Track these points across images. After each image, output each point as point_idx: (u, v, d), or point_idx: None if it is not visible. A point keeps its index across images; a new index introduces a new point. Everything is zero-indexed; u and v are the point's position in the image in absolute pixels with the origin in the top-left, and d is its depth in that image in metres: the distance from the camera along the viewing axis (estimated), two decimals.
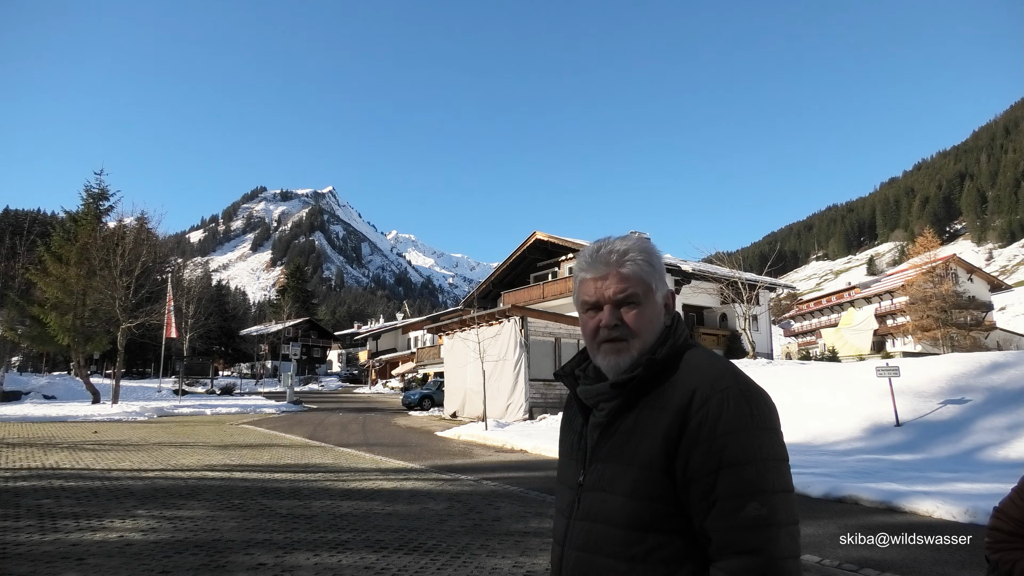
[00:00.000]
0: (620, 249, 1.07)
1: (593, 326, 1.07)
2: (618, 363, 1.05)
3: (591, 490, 1.03)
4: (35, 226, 38.74)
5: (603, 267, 1.06)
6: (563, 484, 1.12)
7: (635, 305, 1.05)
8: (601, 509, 1.00)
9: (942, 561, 4.38)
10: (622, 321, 1.05)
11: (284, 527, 5.08)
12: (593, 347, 1.08)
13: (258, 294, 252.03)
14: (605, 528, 0.99)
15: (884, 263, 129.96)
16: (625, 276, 1.05)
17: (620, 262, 1.06)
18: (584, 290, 1.09)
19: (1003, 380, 11.71)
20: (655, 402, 1.01)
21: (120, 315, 22.60)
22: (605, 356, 1.06)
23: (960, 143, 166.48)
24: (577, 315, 1.15)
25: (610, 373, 1.06)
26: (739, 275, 28.95)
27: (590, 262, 1.08)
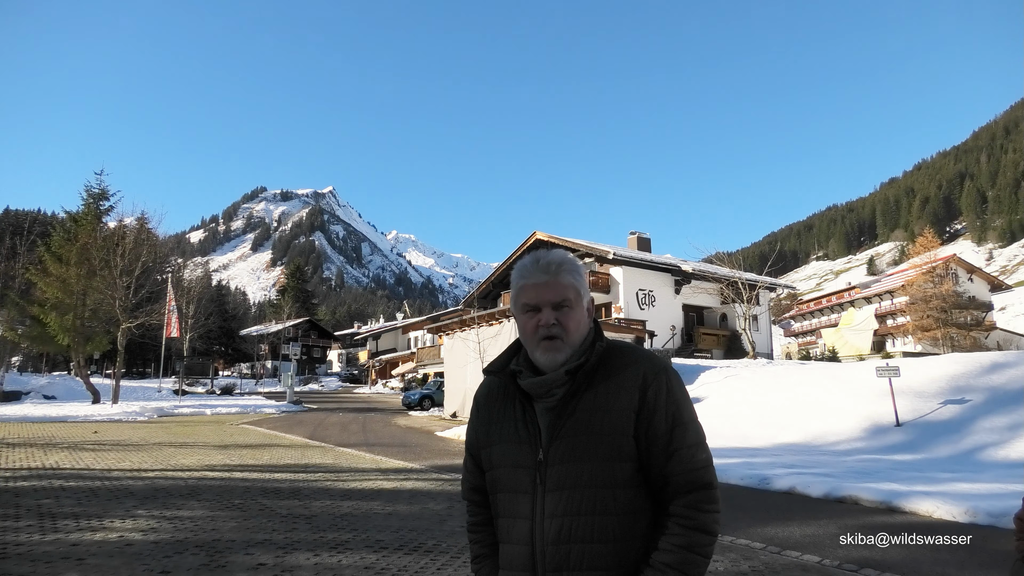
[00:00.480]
0: (556, 261, 1.26)
1: (532, 325, 1.24)
2: (555, 358, 1.22)
3: (560, 463, 1.17)
4: (35, 226, 38.76)
5: (543, 275, 1.24)
6: (510, 466, 1.23)
7: (569, 308, 1.23)
8: (578, 476, 1.15)
9: (942, 561, 4.38)
10: (558, 321, 1.22)
11: (284, 527, 5.08)
12: (532, 344, 1.24)
13: (258, 294, 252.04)
14: (584, 491, 1.15)
15: (884, 263, 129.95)
16: (561, 284, 1.23)
17: (557, 272, 1.24)
18: (525, 295, 1.25)
19: (1003, 380, 11.71)
20: (608, 384, 1.20)
21: (120, 315, 22.60)
22: (544, 352, 1.22)
23: (960, 143, 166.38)
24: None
25: (548, 366, 1.22)
26: (739, 275, 28.94)
27: (531, 271, 1.26)
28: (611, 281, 29.44)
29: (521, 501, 1.20)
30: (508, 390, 1.29)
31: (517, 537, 1.20)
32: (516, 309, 1.28)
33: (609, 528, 1.14)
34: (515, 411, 1.26)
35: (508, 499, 1.22)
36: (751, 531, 5.31)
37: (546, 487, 1.18)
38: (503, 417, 1.27)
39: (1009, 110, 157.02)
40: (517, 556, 1.19)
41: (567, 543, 1.14)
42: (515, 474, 1.22)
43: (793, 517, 5.88)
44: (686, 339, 30.95)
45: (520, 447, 1.22)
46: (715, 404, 15.72)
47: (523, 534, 1.18)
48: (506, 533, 1.23)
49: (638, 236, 35.86)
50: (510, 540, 1.21)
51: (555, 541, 1.15)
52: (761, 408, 14.28)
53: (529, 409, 1.24)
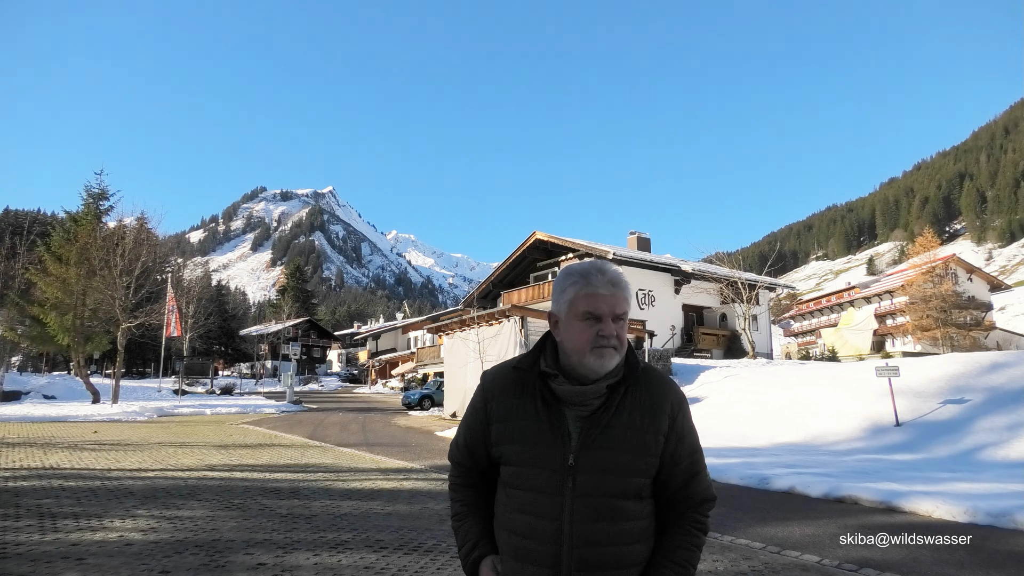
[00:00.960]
0: (619, 277, 1.31)
1: (592, 333, 1.27)
2: (608, 364, 1.27)
3: (590, 471, 1.24)
4: (35, 226, 38.77)
5: (611, 288, 1.29)
6: (535, 467, 1.27)
7: (623, 323, 1.30)
8: (607, 486, 1.25)
9: (942, 561, 4.38)
10: (615, 334, 1.28)
11: (284, 527, 5.08)
12: (585, 349, 1.27)
13: (258, 294, 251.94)
14: (611, 500, 1.25)
15: (884, 263, 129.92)
16: (625, 299, 1.30)
17: (622, 286, 1.30)
18: (590, 303, 1.28)
19: (1003, 380, 11.71)
20: (641, 405, 1.30)
21: (120, 315, 22.58)
22: (599, 358, 1.26)
23: (960, 143, 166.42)
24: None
25: (598, 372, 1.27)
26: (739, 275, 28.93)
27: (599, 282, 1.29)
28: None
29: (547, 502, 1.25)
30: (528, 389, 1.32)
31: (541, 536, 1.24)
32: (571, 314, 1.29)
33: (629, 533, 1.26)
34: (540, 412, 1.29)
35: (531, 498, 1.27)
36: (751, 531, 5.31)
37: (576, 492, 1.24)
38: (523, 415, 1.30)
39: (1009, 110, 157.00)
40: (539, 554, 1.24)
41: (595, 546, 1.23)
42: (541, 475, 1.26)
43: (793, 517, 5.88)
44: (686, 339, 30.95)
45: (548, 449, 1.27)
46: (715, 404, 15.72)
47: (548, 533, 1.24)
48: (526, 529, 1.27)
49: (638, 236, 35.86)
50: (531, 537, 1.26)
51: (584, 544, 1.23)
52: (761, 408, 14.28)
53: (558, 413, 1.28)
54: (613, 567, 1.23)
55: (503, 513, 1.33)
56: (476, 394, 1.41)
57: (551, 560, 1.23)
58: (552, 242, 31.99)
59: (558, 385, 1.29)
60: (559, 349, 1.33)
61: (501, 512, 1.34)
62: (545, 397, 1.29)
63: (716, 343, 31.27)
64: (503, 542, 1.31)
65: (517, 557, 1.27)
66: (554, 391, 1.29)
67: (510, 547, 1.29)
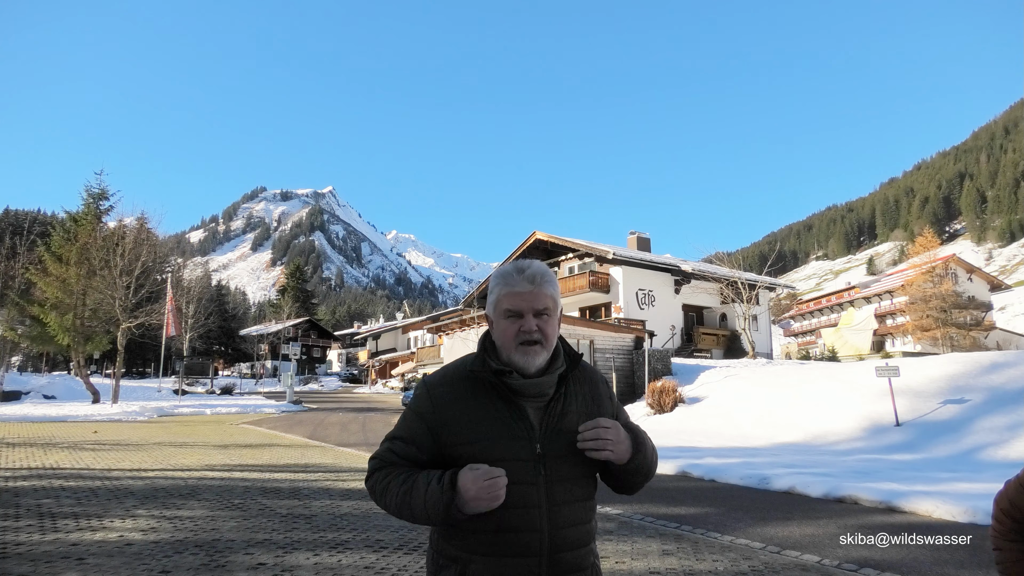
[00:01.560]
0: (539, 272, 1.34)
1: (515, 330, 1.31)
2: (534, 361, 1.31)
3: (556, 457, 1.29)
4: (35, 226, 38.80)
5: (528, 285, 1.32)
6: (507, 460, 1.26)
7: (548, 317, 1.33)
8: (571, 469, 1.30)
9: (942, 561, 4.38)
10: (539, 328, 1.31)
11: (284, 527, 5.08)
12: (511, 347, 1.32)
13: (258, 294, 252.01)
14: (576, 482, 1.31)
15: (884, 263, 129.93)
16: (544, 293, 1.33)
17: (541, 282, 1.33)
18: (510, 301, 1.33)
19: (1003, 380, 11.71)
20: (585, 391, 1.39)
21: (120, 315, 22.59)
22: (524, 355, 1.31)
23: (960, 143, 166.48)
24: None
25: (526, 369, 1.31)
26: (739, 275, 28.94)
27: (516, 279, 1.33)
28: (611, 281, 29.43)
29: (527, 492, 1.26)
30: (483, 389, 1.32)
31: (526, 525, 1.25)
32: (497, 314, 1.35)
33: (590, 510, 1.34)
34: (501, 409, 1.31)
35: (511, 490, 1.24)
36: (751, 531, 5.31)
37: (548, 478, 1.28)
38: (487, 416, 1.30)
39: (1009, 110, 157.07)
40: (525, 543, 1.25)
41: (568, 527, 1.28)
42: (512, 467, 1.26)
43: (793, 517, 5.88)
44: (686, 339, 30.95)
45: (515, 442, 1.29)
46: (715, 404, 15.72)
47: (532, 522, 1.26)
48: (510, 521, 1.25)
49: (638, 236, 35.87)
50: (516, 528, 1.25)
51: (559, 527, 1.27)
52: (761, 408, 14.28)
53: (518, 407, 1.31)
54: (582, 544, 1.30)
55: (466, 538, 1.28)
56: (418, 403, 1.35)
57: (530, 548, 1.25)
58: (552, 242, 31.98)
59: (513, 380, 1.31)
60: (496, 348, 1.36)
61: (463, 537, 1.29)
62: (502, 393, 1.31)
63: (716, 343, 31.28)
64: (474, 542, 1.27)
65: (494, 553, 1.25)
66: (510, 386, 1.31)
67: (483, 545, 1.26)
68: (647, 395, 17.33)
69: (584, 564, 1.30)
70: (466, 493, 1.20)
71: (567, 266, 32.71)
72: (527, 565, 1.24)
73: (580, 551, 1.29)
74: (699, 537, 5.08)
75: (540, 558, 1.25)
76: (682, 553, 4.53)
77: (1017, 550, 1.53)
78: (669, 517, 5.86)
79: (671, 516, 5.92)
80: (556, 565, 1.25)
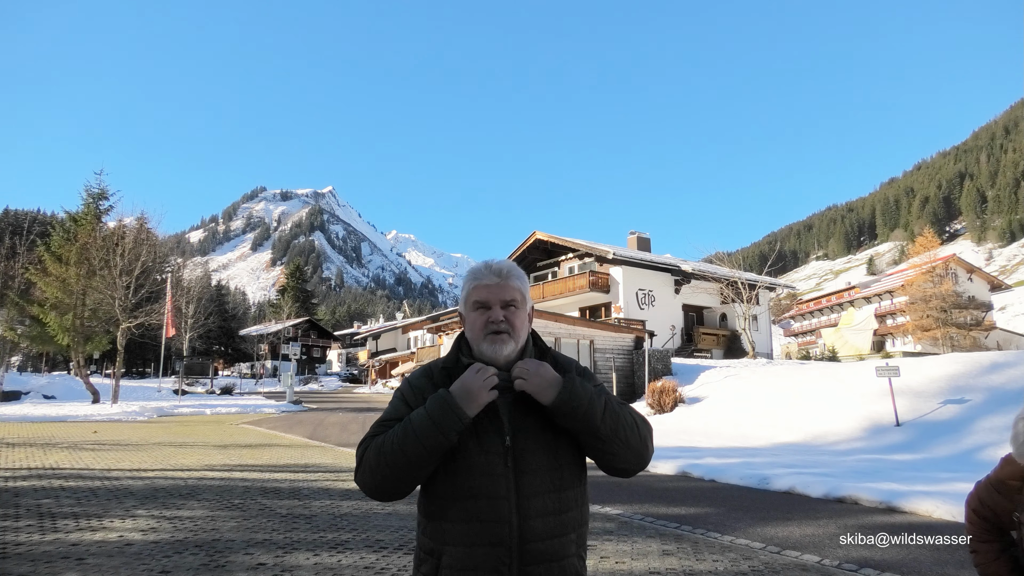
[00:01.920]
0: (506, 267, 1.41)
1: (483, 321, 1.37)
2: (501, 350, 1.36)
3: (526, 450, 1.31)
4: (35, 226, 38.79)
5: (495, 278, 1.39)
6: (476, 452, 1.31)
7: (515, 308, 1.38)
8: (541, 460, 1.32)
9: (942, 561, 4.38)
10: (506, 319, 1.36)
11: (284, 527, 5.08)
12: (479, 337, 1.37)
13: (258, 294, 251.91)
14: (548, 473, 1.32)
15: (884, 263, 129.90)
16: (510, 286, 1.39)
17: (507, 276, 1.39)
18: (478, 293, 1.39)
19: (1003, 380, 11.72)
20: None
21: (120, 315, 22.57)
22: (491, 344, 1.36)
23: (960, 143, 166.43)
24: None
25: (494, 359, 1.36)
26: (739, 275, 28.94)
27: (484, 273, 1.40)
28: (611, 281, 29.43)
29: (495, 483, 1.29)
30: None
31: (492, 516, 1.28)
32: (467, 307, 1.41)
33: (568, 500, 1.34)
34: (478, 416, 1.33)
35: (476, 482, 1.30)
36: (751, 531, 5.31)
37: (517, 469, 1.30)
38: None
39: (1009, 110, 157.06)
40: (491, 533, 1.28)
41: (538, 517, 1.29)
42: (486, 459, 1.31)
43: (793, 517, 5.88)
44: (686, 339, 30.95)
45: (487, 436, 1.32)
46: (715, 404, 15.72)
47: (500, 513, 1.28)
48: (477, 512, 1.29)
49: (638, 236, 35.86)
50: (481, 519, 1.28)
51: (530, 516, 1.28)
52: (761, 408, 14.28)
53: (494, 415, 1.34)
54: (555, 535, 1.30)
55: (443, 506, 1.33)
56: (401, 391, 1.45)
57: (499, 538, 1.27)
58: (552, 242, 31.98)
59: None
60: (470, 345, 1.42)
61: (439, 507, 1.34)
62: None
63: (716, 343, 31.27)
64: (447, 533, 1.31)
65: (465, 543, 1.29)
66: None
67: (454, 535, 1.30)
68: (647, 395, 17.33)
69: (560, 554, 1.30)
70: (463, 382, 1.29)
71: (567, 266, 32.70)
72: (496, 554, 1.27)
73: (553, 542, 1.30)
74: (699, 537, 5.08)
75: (510, 548, 1.27)
76: (682, 553, 4.53)
77: (993, 550, 1.53)
78: (669, 517, 5.86)
79: (671, 516, 5.92)
80: (526, 555, 1.27)
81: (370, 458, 1.34)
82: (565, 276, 31.31)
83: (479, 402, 1.28)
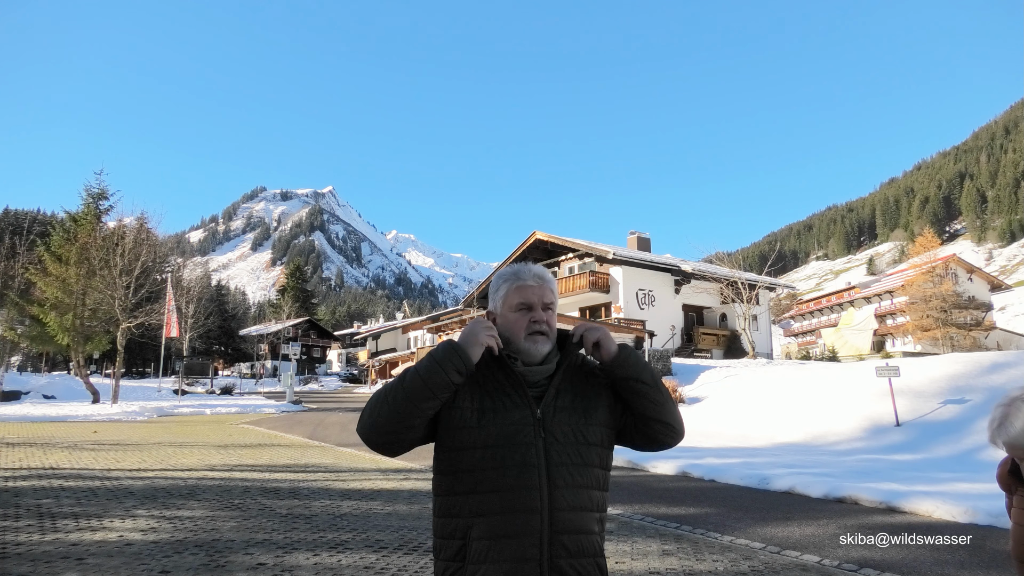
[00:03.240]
0: (544, 272, 1.52)
1: (526, 321, 1.45)
2: (542, 348, 1.44)
3: (562, 442, 1.37)
4: (35, 226, 38.80)
5: (538, 280, 1.49)
6: (507, 424, 1.36)
7: (552, 311, 1.49)
8: (571, 455, 1.37)
9: (942, 561, 4.38)
10: (545, 320, 1.45)
11: (284, 527, 5.08)
12: (521, 336, 1.44)
13: (258, 294, 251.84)
14: (577, 468, 1.37)
15: (884, 263, 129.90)
16: (551, 290, 1.50)
17: (547, 279, 1.51)
18: (522, 295, 1.47)
19: (1003, 380, 11.71)
20: (584, 375, 1.48)
21: (120, 315, 22.57)
22: (533, 343, 1.44)
23: (960, 143, 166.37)
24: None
25: (535, 356, 1.44)
26: (739, 275, 28.94)
27: (528, 276, 1.49)
28: (611, 281, 29.42)
29: (526, 452, 1.34)
30: (492, 363, 1.43)
31: (525, 506, 1.31)
32: (506, 308, 1.48)
33: (594, 500, 1.40)
34: (503, 380, 1.41)
35: (504, 470, 1.33)
36: (751, 531, 5.31)
37: (551, 464, 1.34)
38: (491, 382, 1.42)
39: (1009, 110, 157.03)
40: (523, 524, 1.30)
41: (571, 511, 1.34)
42: (514, 429, 1.36)
43: (793, 517, 5.87)
44: (686, 339, 30.94)
45: (518, 410, 1.38)
46: (715, 404, 15.73)
47: (533, 503, 1.31)
48: (509, 503, 1.31)
49: (638, 236, 35.86)
50: (513, 510, 1.31)
51: (561, 508, 1.32)
52: (761, 408, 14.28)
53: (518, 379, 1.41)
54: (584, 508, 1.36)
55: (471, 479, 1.34)
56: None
57: (536, 528, 1.30)
58: (552, 242, 31.97)
59: (520, 367, 1.43)
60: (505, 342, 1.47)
61: (463, 504, 1.35)
62: (505, 368, 1.42)
63: (716, 343, 31.27)
64: (476, 504, 1.33)
65: (497, 511, 1.31)
66: (515, 371, 1.42)
67: (487, 506, 1.32)
68: None
69: (586, 528, 1.35)
70: (467, 329, 1.37)
71: (567, 266, 32.70)
72: (529, 521, 1.30)
73: (580, 514, 1.35)
74: (699, 537, 5.08)
75: (540, 514, 1.30)
76: (682, 553, 4.53)
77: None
78: (669, 517, 5.86)
79: (671, 516, 5.92)
80: (556, 524, 1.31)
81: (371, 402, 1.37)
82: (565, 276, 31.30)
83: (480, 343, 1.35)
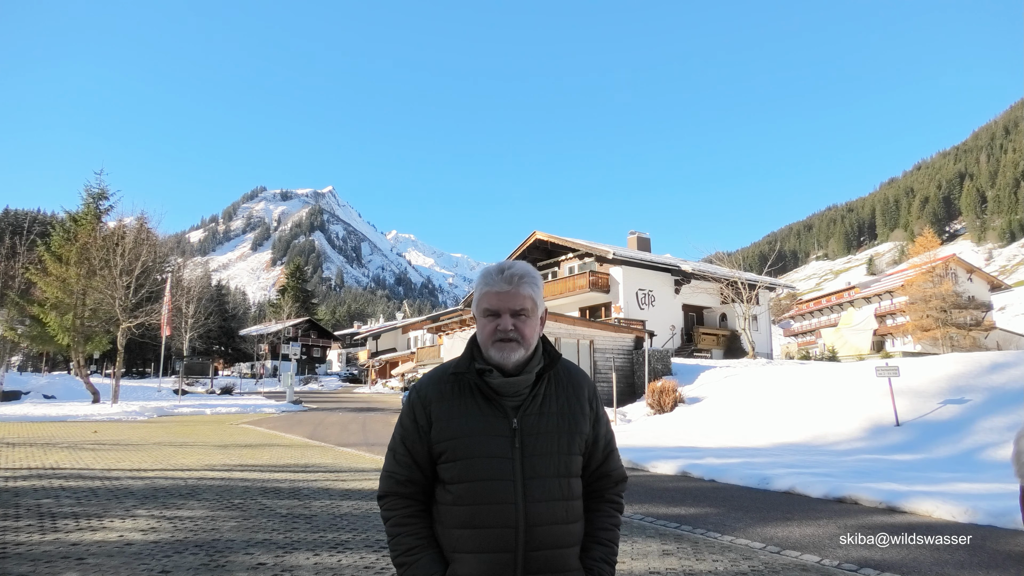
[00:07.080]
0: (519, 273, 1.38)
1: (492, 328, 1.36)
2: (510, 357, 1.35)
3: (537, 455, 1.33)
4: (35, 226, 38.83)
5: (506, 285, 1.36)
6: (483, 456, 1.32)
7: (525, 317, 1.37)
8: (556, 466, 1.34)
9: (942, 561, 4.38)
10: (515, 327, 1.35)
11: (284, 527, 5.08)
12: (488, 344, 1.36)
13: (258, 294, 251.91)
14: (557, 480, 1.33)
15: (884, 263, 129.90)
16: (521, 294, 1.36)
17: (519, 283, 1.37)
18: (488, 301, 1.37)
19: (1003, 380, 11.71)
20: (566, 391, 1.41)
21: (120, 315, 22.57)
22: (499, 351, 1.35)
23: (960, 143, 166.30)
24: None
25: (503, 365, 1.35)
26: (739, 275, 28.94)
27: (495, 280, 1.38)
28: (611, 281, 29.43)
29: (502, 485, 1.30)
30: (467, 388, 1.38)
31: (498, 521, 1.29)
32: (477, 312, 1.40)
33: (573, 511, 1.36)
34: (481, 405, 1.36)
35: (484, 487, 1.30)
36: (751, 531, 5.31)
37: (525, 474, 1.31)
38: (466, 411, 1.36)
39: (1009, 110, 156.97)
40: (497, 538, 1.28)
41: (546, 524, 1.30)
42: (487, 462, 1.31)
43: (793, 517, 5.88)
44: (686, 339, 30.95)
45: (489, 439, 1.33)
46: (715, 404, 15.72)
47: (507, 517, 1.29)
48: (483, 518, 1.30)
49: (638, 236, 35.87)
50: (487, 525, 1.29)
51: (536, 523, 1.29)
52: (761, 408, 14.28)
53: (498, 404, 1.36)
54: (564, 545, 1.32)
55: (449, 513, 1.33)
56: (408, 406, 1.44)
57: (510, 543, 1.28)
58: (552, 242, 31.97)
59: (493, 379, 1.36)
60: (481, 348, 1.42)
61: (446, 514, 1.34)
62: (484, 392, 1.36)
63: (716, 343, 31.27)
64: (455, 539, 1.32)
65: (473, 548, 1.29)
66: (490, 384, 1.36)
67: (463, 540, 1.31)
68: (647, 395, 17.33)
69: (564, 542, 1.32)
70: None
71: (567, 266, 32.71)
72: (502, 536, 1.28)
73: (567, 551, 1.32)
74: (699, 537, 5.08)
75: (515, 554, 1.28)
76: (682, 553, 4.53)
77: None
78: (669, 517, 5.86)
79: (671, 516, 5.92)
80: (532, 540, 1.29)
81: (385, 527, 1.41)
82: (565, 276, 31.31)
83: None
